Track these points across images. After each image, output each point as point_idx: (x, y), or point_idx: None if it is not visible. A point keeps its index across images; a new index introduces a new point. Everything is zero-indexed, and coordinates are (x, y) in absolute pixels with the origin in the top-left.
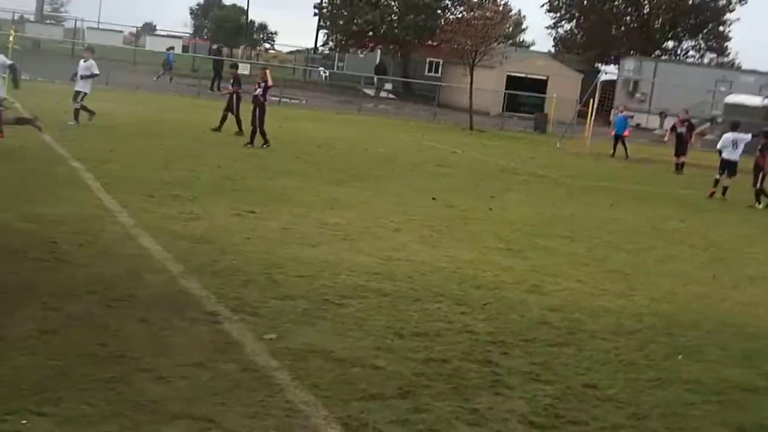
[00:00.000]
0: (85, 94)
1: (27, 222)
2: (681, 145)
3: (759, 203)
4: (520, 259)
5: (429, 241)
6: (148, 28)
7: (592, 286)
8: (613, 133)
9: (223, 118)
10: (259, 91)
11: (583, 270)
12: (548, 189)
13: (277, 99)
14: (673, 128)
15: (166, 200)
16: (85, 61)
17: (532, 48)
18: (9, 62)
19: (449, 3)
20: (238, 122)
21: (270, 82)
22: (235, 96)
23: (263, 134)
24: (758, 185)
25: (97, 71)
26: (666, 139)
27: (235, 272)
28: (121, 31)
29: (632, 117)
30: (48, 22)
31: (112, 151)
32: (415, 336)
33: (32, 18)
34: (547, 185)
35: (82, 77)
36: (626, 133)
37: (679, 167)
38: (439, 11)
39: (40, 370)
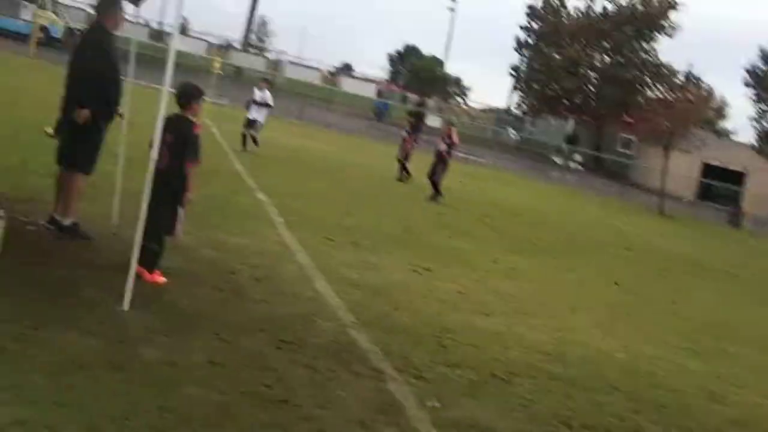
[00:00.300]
0: (261, 124)
1: (210, 249)
2: None
3: None
4: (704, 362)
5: (606, 328)
6: (346, 69)
7: None
8: None
9: (402, 167)
10: (443, 147)
11: None
12: (741, 290)
13: (463, 156)
14: None
15: (345, 245)
16: (260, 90)
17: (733, 137)
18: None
19: (649, 80)
20: (404, 168)
21: (456, 140)
22: (408, 144)
23: (436, 187)
24: None
25: (272, 103)
26: None
27: (405, 330)
28: (319, 69)
29: None
30: (252, 51)
31: (299, 188)
32: (583, 428)
33: (238, 46)
34: (740, 285)
35: (257, 104)
36: None
37: None
38: (639, 87)
39: (207, 403)
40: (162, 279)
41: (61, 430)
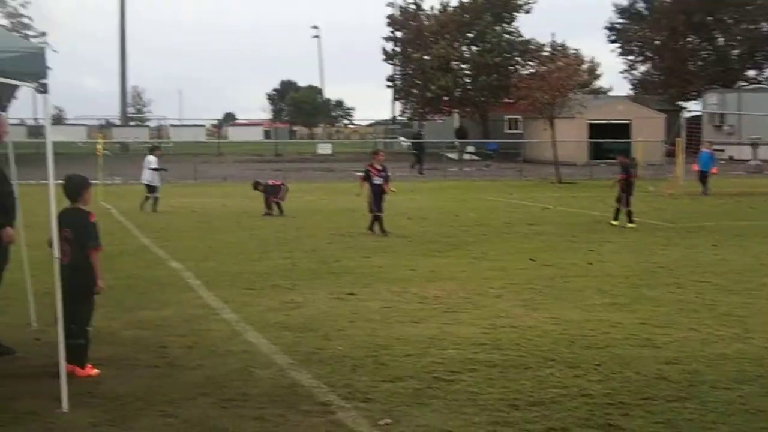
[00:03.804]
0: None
1: (135, 329)
2: None
3: (617, 221)
4: (628, 312)
5: (532, 305)
6: (229, 119)
7: (707, 333)
8: (696, 168)
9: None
10: (379, 180)
11: (694, 317)
12: (647, 236)
13: (355, 172)
14: None
15: (266, 291)
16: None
17: (611, 93)
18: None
19: (520, 59)
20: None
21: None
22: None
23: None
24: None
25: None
26: None
27: (342, 359)
28: (204, 125)
29: (716, 153)
30: (133, 124)
31: (209, 247)
32: (530, 406)
33: (117, 122)
34: (645, 232)
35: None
36: (713, 170)
37: None
38: (511, 68)
39: None
40: (95, 371)
41: None
